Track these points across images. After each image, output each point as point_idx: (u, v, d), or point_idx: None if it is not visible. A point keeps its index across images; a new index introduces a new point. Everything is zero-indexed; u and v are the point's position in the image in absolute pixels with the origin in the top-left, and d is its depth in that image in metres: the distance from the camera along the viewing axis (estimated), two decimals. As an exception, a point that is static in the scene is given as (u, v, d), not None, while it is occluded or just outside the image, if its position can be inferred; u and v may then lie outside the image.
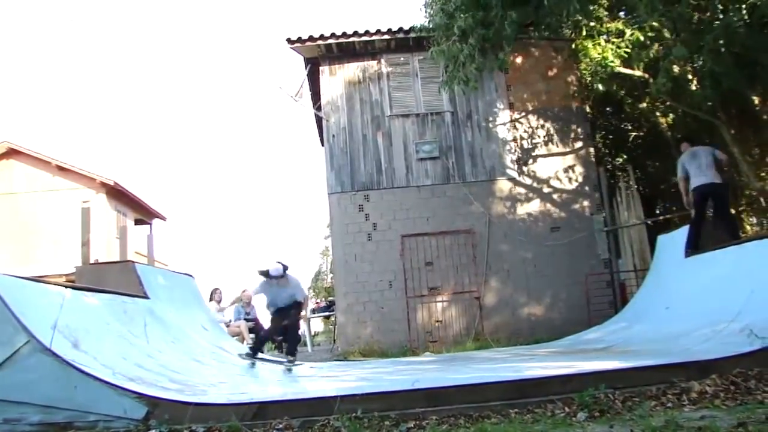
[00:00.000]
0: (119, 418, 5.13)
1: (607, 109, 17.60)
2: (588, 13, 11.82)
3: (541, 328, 13.04)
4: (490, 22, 10.84)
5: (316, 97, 15.10)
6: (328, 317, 19.46)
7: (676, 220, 14.36)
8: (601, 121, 17.77)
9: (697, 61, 11.93)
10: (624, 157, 18.14)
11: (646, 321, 9.98)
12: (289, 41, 13.99)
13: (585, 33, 13.30)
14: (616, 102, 16.53)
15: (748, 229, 16.04)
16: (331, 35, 14.04)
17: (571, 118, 14.53)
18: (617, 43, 12.76)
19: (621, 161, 18.13)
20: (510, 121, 14.34)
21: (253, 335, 14.20)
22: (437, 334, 13.25)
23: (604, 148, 17.78)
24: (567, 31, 13.96)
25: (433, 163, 13.97)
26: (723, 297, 8.00)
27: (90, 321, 6.58)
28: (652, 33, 12.23)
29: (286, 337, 10.24)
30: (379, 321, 13.28)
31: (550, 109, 14.50)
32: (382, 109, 14.23)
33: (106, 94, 75.69)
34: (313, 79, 14.79)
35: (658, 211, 18.31)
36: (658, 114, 15.40)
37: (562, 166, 14.22)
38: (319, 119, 15.07)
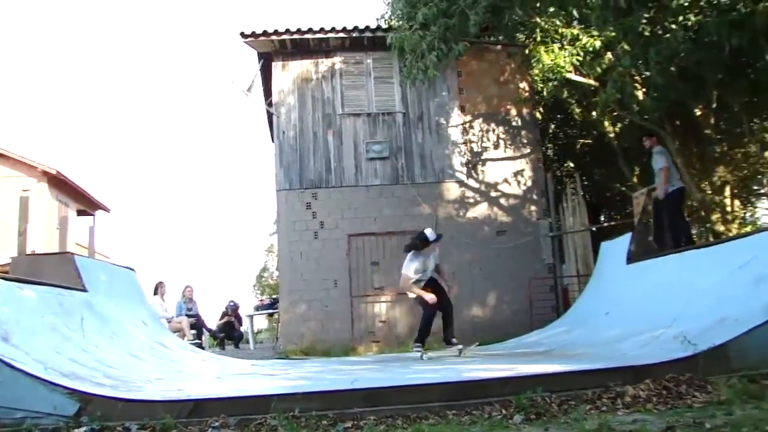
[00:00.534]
0: (49, 414, 4.96)
1: (558, 116, 17.83)
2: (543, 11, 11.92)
3: (484, 330, 13.11)
4: (452, 14, 10.90)
5: (268, 92, 14.97)
6: (271, 315, 19.34)
7: (615, 229, 14.65)
8: (550, 128, 17.99)
9: (645, 73, 12.13)
10: (571, 164, 18.40)
11: (586, 326, 10.10)
12: (242, 35, 13.83)
13: (539, 39, 13.45)
14: (565, 109, 16.75)
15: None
16: (286, 31, 13.89)
17: (521, 124, 14.66)
18: (570, 50, 12.93)
19: (568, 168, 18.38)
20: (461, 124, 14.41)
21: (194, 331, 14.07)
22: (381, 334, 13.26)
23: (552, 155, 18.01)
24: (521, 36, 14.10)
25: (383, 164, 13.98)
26: (661, 304, 8.15)
27: (23, 314, 6.38)
28: (604, 42, 12.42)
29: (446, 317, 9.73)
30: (323, 320, 13.23)
31: (500, 113, 14.61)
32: (333, 107, 14.17)
33: (52, 81, 74.11)
34: (266, 74, 14.67)
35: (602, 218, 18.65)
36: (606, 123, 15.65)
37: (510, 171, 14.34)
38: (270, 115, 14.93)
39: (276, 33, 13.88)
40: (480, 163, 14.31)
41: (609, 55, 12.77)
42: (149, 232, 67.33)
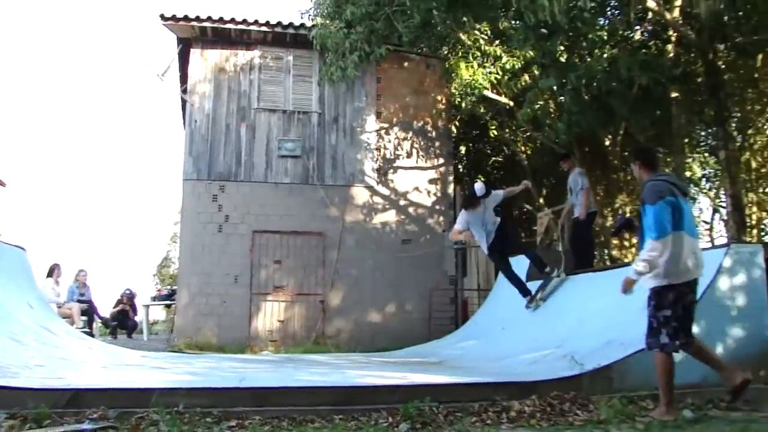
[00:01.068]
0: None
1: (472, 131, 18.08)
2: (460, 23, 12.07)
3: (382, 336, 13.17)
4: (379, 17, 10.91)
5: (183, 79, 14.58)
6: (169, 306, 18.88)
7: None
8: (464, 142, 18.22)
9: (559, 98, 12.45)
10: (482, 180, 18.66)
11: (482, 339, 10.26)
12: (162, 17, 13.44)
13: (460, 53, 13.62)
14: (481, 125, 17.01)
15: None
16: (208, 18, 13.59)
17: (436, 135, 14.82)
18: (489, 67, 13.14)
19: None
20: (376, 130, 14.44)
21: (85, 318, 13.60)
22: (278, 333, 13.13)
23: (463, 169, 18.24)
24: (444, 49, 14.26)
25: (294, 162, 13.85)
26: (554, 323, 8.39)
27: None
28: (523, 62, 12.68)
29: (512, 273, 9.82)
30: (220, 315, 12.99)
31: (416, 123, 14.71)
32: (249, 100, 13.96)
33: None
34: (184, 60, 14.31)
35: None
36: (519, 143, 15.97)
37: (421, 181, 14.46)
38: (183, 102, 14.61)
39: (197, 19, 13.57)
40: (391, 170, 14.37)
41: (526, 76, 13.05)
42: (47, 211, 64.68)
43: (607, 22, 12.94)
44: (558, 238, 11.94)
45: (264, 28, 13.88)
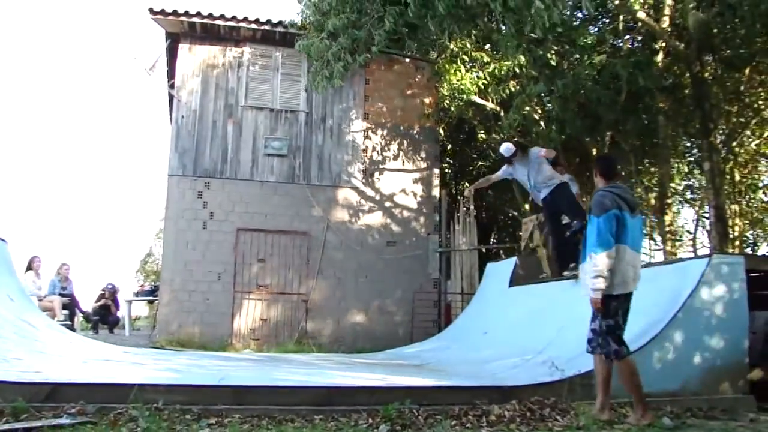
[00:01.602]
0: None
1: (460, 135, 18.11)
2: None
3: (364, 338, 13.18)
4: (361, 26, 10.89)
5: (171, 74, 14.53)
6: (152, 302, 18.82)
7: (502, 251, 14.99)
8: (451, 146, 18.25)
9: (547, 104, 12.52)
10: (467, 184, 18.71)
11: (464, 343, 10.27)
12: (151, 11, 13.36)
13: (449, 57, 13.64)
14: (468, 129, 17.04)
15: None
16: (197, 13, 13.53)
17: (423, 138, 14.84)
18: (477, 71, 13.18)
19: (464, 187, 18.68)
20: (363, 131, 14.44)
21: (66, 311, 13.53)
22: (260, 332, 13.09)
23: (449, 172, 18.27)
24: (433, 53, 14.28)
25: (280, 161, 13.82)
26: (536, 328, 8.39)
27: None
28: (511, 69, 12.71)
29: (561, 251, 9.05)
30: (203, 312, 12.93)
31: (403, 125, 14.73)
32: (236, 97, 13.91)
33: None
34: (172, 55, 14.24)
35: (492, 239, 19.02)
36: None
37: (406, 183, 14.48)
38: (170, 97, 14.55)
39: (186, 14, 13.51)
40: (378, 171, 14.37)
41: (513, 82, 13.09)
42: (29, 203, 64.14)
43: (597, 31, 13.03)
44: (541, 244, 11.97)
45: (253, 26, 13.84)
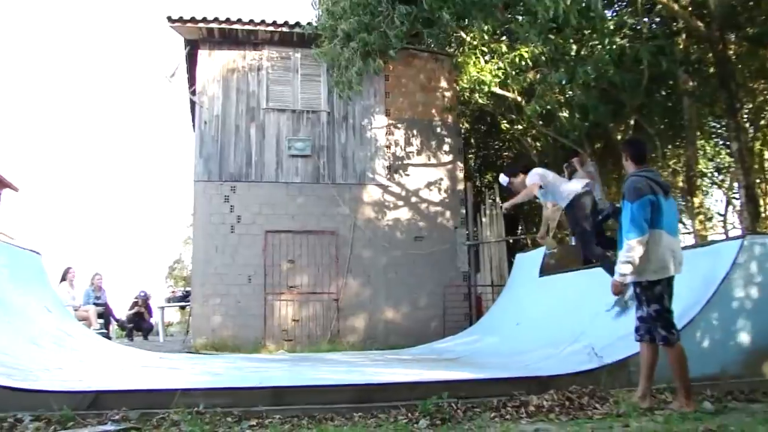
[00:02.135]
0: (-65, 402, 4.73)
1: (481, 127, 18.06)
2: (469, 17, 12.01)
3: (396, 334, 13.19)
4: (375, 27, 10.86)
5: (192, 80, 14.62)
6: (183, 307, 19.00)
7: (528, 241, 14.92)
8: (473, 138, 18.20)
9: (569, 92, 12.43)
10: (492, 175, 18.65)
11: (497, 335, 10.25)
12: (170, 19, 13.49)
13: (467, 50, 13.59)
14: (490, 121, 16.98)
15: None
16: (215, 19, 13.63)
17: (445, 132, 14.80)
18: (496, 62, 13.11)
19: (489, 179, 18.63)
20: (385, 127, 14.44)
21: (101, 320, 13.69)
22: (293, 333, 13.14)
23: (473, 164, 18.22)
24: (450, 47, 14.23)
25: (305, 161, 13.86)
26: (569, 318, 8.35)
27: None
28: (530, 58, 12.64)
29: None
30: (235, 315, 13.01)
31: (425, 120, 14.71)
32: (258, 101, 13.97)
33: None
34: (191, 62, 14.34)
35: (519, 230, 18.93)
36: (529, 138, 15.93)
37: (431, 178, 14.45)
38: (192, 104, 14.65)
39: (204, 20, 13.61)
40: (402, 167, 14.36)
41: (533, 72, 13.01)
42: (60, 215, 64.98)
43: (615, 14, 12.89)
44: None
45: (270, 28, 13.90)
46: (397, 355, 10.59)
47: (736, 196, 15.61)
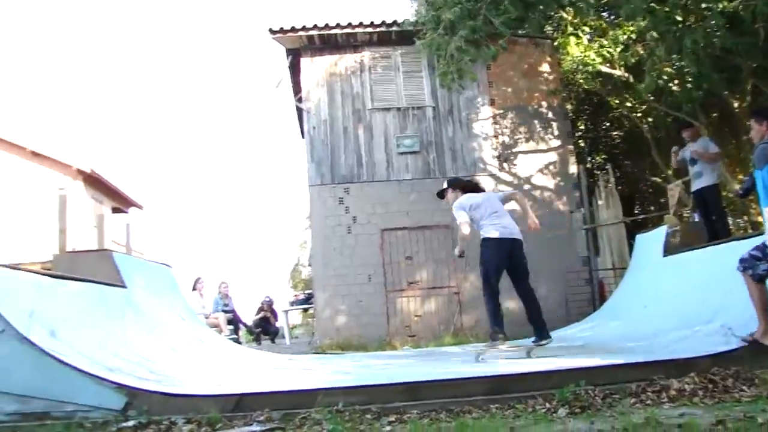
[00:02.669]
0: (97, 408, 5.02)
1: (588, 108, 17.70)
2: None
3: (519, 324, 12.99)
4: (477, 13, 10.77)
5: (297, 88, 14.97)
6: (306, 310, 19.46)
7: (650, 222, 14.50)
8: (581, 120, 17.85)
9: (678, 63, 12.00)
10: (603, 156, 18.27)
11: (624, 319, 10.01)
12: (271, 31, 13.85)
13: (568, 31, 13.34)
14: (596, 101, 16.61)
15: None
16: (314, 27, 13.91)
17: (552, 116, 14.56)
18: (600, 41, 12.81)
19: (600, 160, 18.24)
20: (491, 117, 14.34)
21: (231, 327, 14.18)
22: (416, 328, 13.24)
23: (583, 147, 17.87)
24: (550, 28, 13.99)
25: (414, 158, 13.94)
26: (700, 297, 8.02)
27: (67, 310, 6.45)
28: (634, 33, 12.28)
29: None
30: (357, 315, 13.22)
31: (531, 106, 14.52)
32: (363, 102, 14.15)
33: (82, 81, 74.71)
34: (295, 70, 14.66)
35: (636, 210, 18.47)
36: (639, 114, 15.49)
37: (542, 164, 14.25)
38: (299, 111, 14.98)
39: (304, 29, 13.90)
40: (511, 156, 14.22)
41: (639, 46, 12.63)
42: (182, 229, 67.66)
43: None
44: (692, 209, 11.49)
45: (369, 29, 14.06)
46: (524, 344, 10.49)
47: None
